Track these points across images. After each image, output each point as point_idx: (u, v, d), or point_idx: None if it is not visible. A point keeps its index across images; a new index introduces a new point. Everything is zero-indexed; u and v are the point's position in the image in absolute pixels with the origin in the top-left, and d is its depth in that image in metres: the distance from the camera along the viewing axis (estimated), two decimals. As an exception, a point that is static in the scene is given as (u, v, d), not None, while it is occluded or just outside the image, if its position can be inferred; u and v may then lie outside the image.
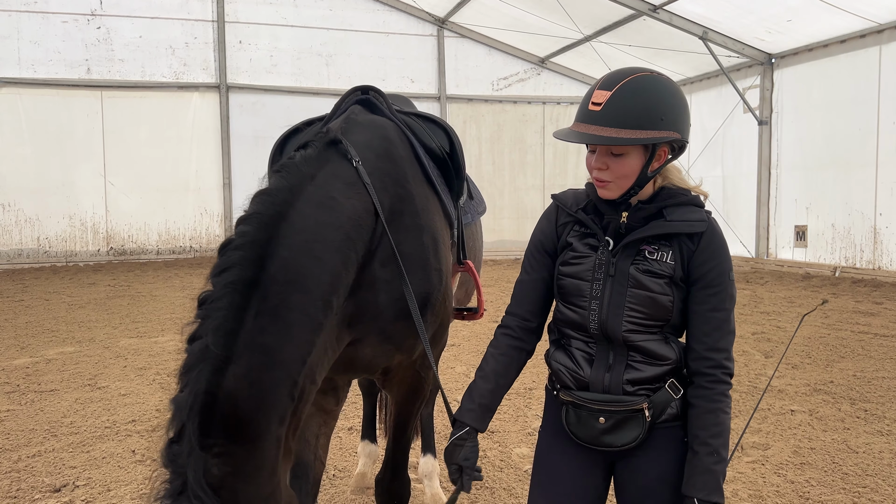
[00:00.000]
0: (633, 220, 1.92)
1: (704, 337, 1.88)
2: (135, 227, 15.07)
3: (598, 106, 1.81)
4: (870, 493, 3.71)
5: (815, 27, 11.86)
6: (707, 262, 1.87)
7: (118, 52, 14.80)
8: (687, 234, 1.88)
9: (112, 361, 6.54)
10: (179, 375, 1.66)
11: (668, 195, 1.93)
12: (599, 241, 1.94)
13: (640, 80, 1.85)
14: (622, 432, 1.90)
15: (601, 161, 1.86)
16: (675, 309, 1.89)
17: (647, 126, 1.80)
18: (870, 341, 7.13)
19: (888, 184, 11.21)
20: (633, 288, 1.88)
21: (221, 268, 1.75)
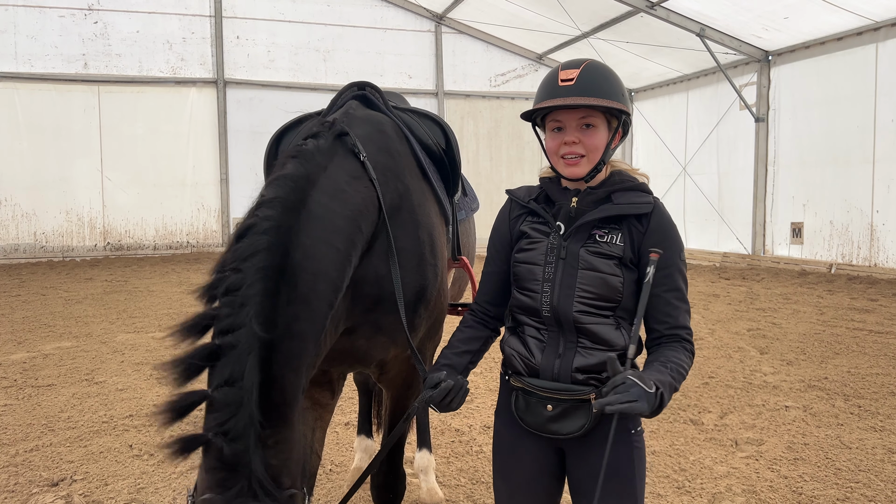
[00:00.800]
0: (583, 204, 1.99)
1: (665, 317, 1.94)
2: (132, 223, 15.07)
3: (570, 81, 1.93)
4: (862, 489, 3.74)
5: (812, 25, 11.88)
6: (658, 243, 1.93)
7: (115, 46, 14.77)
8: (636, 217, 1.96)
9: (109, 356, 6.55)
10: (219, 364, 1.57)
11: (615, 181, 2.02)
12: (551, 227, 2.02)
13: (598, 63, 2.01)
14: (568, 421, 1.94)
15: (574, 135, 1.96)
16: (625, 290, 1.94)
17: (615, 97, 1.94)
18: (864, 338, 7.17)
19: (885, 181, 11.24)
20: (583, 269, 1.94)
21: (250, 251, 1.71)
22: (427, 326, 2.45)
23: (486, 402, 5.18)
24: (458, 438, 4.53)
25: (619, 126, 1.99)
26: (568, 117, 1.96)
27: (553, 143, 2.00)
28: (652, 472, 3.97)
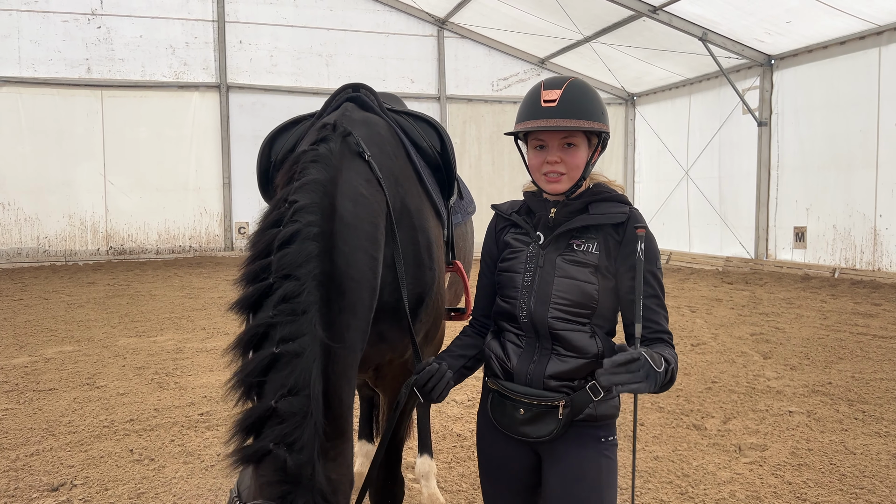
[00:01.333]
0: (561, 215, 2.07)
1: (647, 322, 1.97)
2: (134, 227, 15.08)
3: (552, 102, 1.99)
4: (867, 495, 3.71)
5: (814, 29, 11.86)
6: (632, 252, 1.97)
7: (118, 51, 14.81)
8: (612, 226, 2.03)
9: (111, 361, 6.54)
10: (281, 374, 1.52)
11: (593, 192, 2.10)
12: (531, 237, 2.11)
13: (580, 82, 2.06)
14: (539, 425, 2.01)
15: (556, 155, 2.02)
16: (600, 298, 2.00)
17: (596, 118, 2.01)
18: (868, 343, 7.13)
19: (888, 185, 11.21)
20: (559, 277, 2.01)
21: (303, 258, 1.68)
22: (425, 331, 2.44)
23: (488, 407, 5.16)
24: (459, 443, 4.51)
25: (598, 143, 2.07)
26: (550, 137, 2.02)
27: (535, 161, 2.06)
28: (655, 478, 3.95)
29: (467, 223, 3.42)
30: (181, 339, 7.50)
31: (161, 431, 4.68)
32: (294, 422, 1.47)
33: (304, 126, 2.57)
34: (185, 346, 7.17)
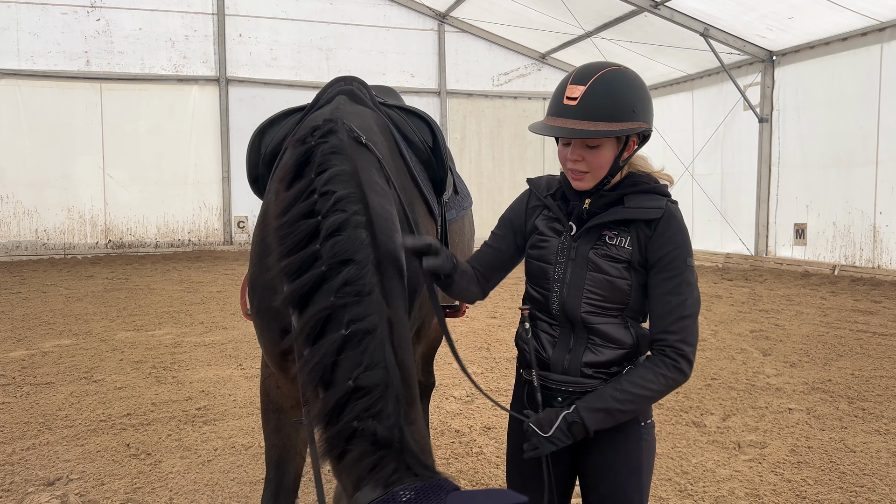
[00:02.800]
0: (595, 206, 1.99)
1: (659, 320, 1.93)
2: (133, 220, 15.06)
3: (573, 100, 1.87)
4: (867, 493, 3.69)
5: (816, 25, 11.82)
6: (662, 248, 1.92)
7: (118, 44, 14.76)
8: (644, 221, 1.94)
9: (108, 355, 6.52)
10: (353, 353, 1.54)
11: (631, 183, 1.99)
12: (563, 226, 2.03)
13: (611, 74, 1.90)
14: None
15: (577, 153, 1.92)
16: (633, 293, 1.95)
17: (620, 118, 1.86)
18: (868, 340, 7.12)
19: (889, 182, 11.18)
20: (591, 271, 1.96)
21: (357, 244, 1.69)
22: (416, 327, 2.41)
23: (487, 403, 5.14)
24: (458, 440, 4.50)
25: (628, 140, 1.93)
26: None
27: (561, 155, 1.98)
28: (654, 475, 3.93)
29: (465, 218, 3.37)
30: (179, 333, 7.48)
31: (158, 426, 4.66)
32: (377, 393, 1.50)
33: (294, 119, 2.54)
34: (184, 340, 7.15)
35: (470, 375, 2.09)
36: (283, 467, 2.33)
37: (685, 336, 1.90)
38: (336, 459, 1.50)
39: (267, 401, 2.37)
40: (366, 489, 1.42)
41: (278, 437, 2.33)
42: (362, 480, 1.44)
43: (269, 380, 2.35)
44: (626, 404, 1.88)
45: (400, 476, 1.43)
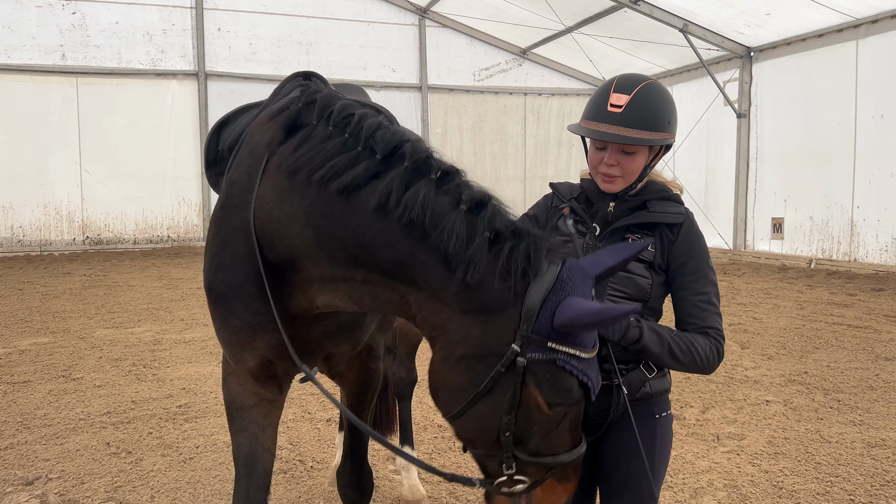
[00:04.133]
0: (620, 210, 2.12)
1: (693, 319, 2.06)
2: (111, 216, 14.88)
3: (618, 108, 1.99)
4: (842, 483, 3.76)
5: (793, 21, 11.95)
6: (686, 252, 2.07)
7: (94, 38, 14.56)
8: (667, 225, 2.08)
9: (87, 352, 6.45)
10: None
11: (652, 190, 2.13)
12: (587, 227, 2.13)
13: (652, 87, 2.05)
14: (597, 405, 2.02)
15: (613, 158, 2.03)
16: (652, 292, 2.07)
17: (658, 129, 2.01)
18: (844, 332, 7.23)
19: (866, 177, 11.35)
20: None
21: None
22: (379, 320, 2.41)
23: (469, 398, 5.16)
24: (440, 434, 4.51)
25: (660, 150, 2.09)
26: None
27: (594, 159, 2.09)
28: (634, 468, 3.97)
29: None
30: (159, 330, 7.42)
31: (139, 424, 4.63)
32: (490, 206, 1.74)
33: (252, 114, 2.51)
34: (164, 337, 7.09)
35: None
36: (252, 465, 2.30)
37: (720, 329, 2.07)
38: (493, 262, 1.66)
39: (230, 399, 2.34)
40: (544, 267, 1.65)
41: (245, 436, 2.31)
42: (531, 260, 1.65)
43: (231, 377, 2.32)
44: (676, 347, 1.97)
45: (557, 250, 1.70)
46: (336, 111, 1.89)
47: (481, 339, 1.67)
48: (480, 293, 1.66)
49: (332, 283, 1.89)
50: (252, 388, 2.29)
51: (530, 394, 1.64)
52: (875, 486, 3.73)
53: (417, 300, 1.75)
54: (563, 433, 1.72)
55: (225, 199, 2.14)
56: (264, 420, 2.35)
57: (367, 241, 1.75)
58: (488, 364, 1.65)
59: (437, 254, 1.67)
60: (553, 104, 18.26)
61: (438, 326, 1.73)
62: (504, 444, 1.68)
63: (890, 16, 10.74)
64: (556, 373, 1.63)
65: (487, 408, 1.66)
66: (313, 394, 5.31)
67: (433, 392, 1.79)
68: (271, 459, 2.39)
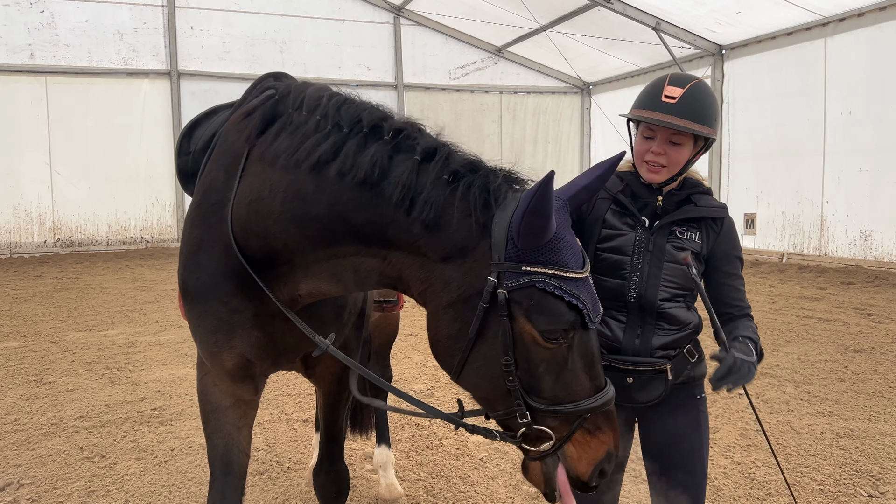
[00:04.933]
0: (667, 204, 2.24)
1: (736, 301, 2.25)
2: (83, 218, 14.66)
3: (672, 99, 2.11)
4: (812, 473, 3.84)
5: (763, 19, 12.11)
6: (728, 243, 2.26)
7: (63, 37, 14.31)
8: (711, 218, 2.25)
9: (59, 356, 6.36)
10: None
11: (691, 184, 2.28)
12: (636, 221, 2.24)
13: (703, 85, 2.20)
14: (648, 390, 2.22)
15: (661, 147, 2.15)
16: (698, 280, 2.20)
17: (708, 123, 2.14)
18: (814, 325, 7.36)
19: (835, 172, 11.55)
20: (668, 261, 2.20)
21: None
22: (354, 320, 2.42)
23: (446, 396, 5.18)
24: (418, 433, 4.52)
25: (704, 146, 2.21)
26: (661, 130, 2.15)
27: (641, 148, 2.20)
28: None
29: None
30: (133, 332, 7.34)
31: (112, 427, 4.58)
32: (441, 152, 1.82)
33: (224, 115, 2.50)
34: (138, 339, 7.02)
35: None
36: (227, 467, 2.29)
37: (748, 303, 2.28)
38: (449, 198, 1.68)
39: (205, 400, 2.32)
40: (509, 195, 1.68)
41: (220, 437, 2.30)
42: (490, 191, 1.67)
43: (206, 378, 2.31)
44: (760, 347, 2.15)
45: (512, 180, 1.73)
46: (308, 96, 1.92)
47: (461, 281, 1.65)
48: (450, 234, 1.66)
49: (316, 265, 1.89)
50: (228, 389, 2.28)
51: (521, 327, 1.61)
52: (844, 475, 3.81)
53: (399, 259, 1.75)
54: (578, 374, 1.66)
55: (201, 198, 2.13)
56: (240, 421, 2.35)
57: (340, 211, 1.76)
58: (472, 305, 1.63)
59: (400, 206, 1.68)
60: (529, 102, 18.33)
61: (423, 280, 1.72)
62: (512, 391, 1.63)
63: (857, 14, 10.93)
64: (539, 297, 1.60)
65: (484, 353, 1.64)
66: (290, 395, 5.29)
67: (434, 352, 1.77)
68: (247, 461, 2.38)
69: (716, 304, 2.23)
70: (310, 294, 2.01)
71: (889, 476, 3.78)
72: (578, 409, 1.64)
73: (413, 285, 1.76)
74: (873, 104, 10.80)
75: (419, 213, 1.66)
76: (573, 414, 1.65)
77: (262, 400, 4.94)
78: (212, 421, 2.32)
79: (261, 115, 1.99)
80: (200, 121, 2.65)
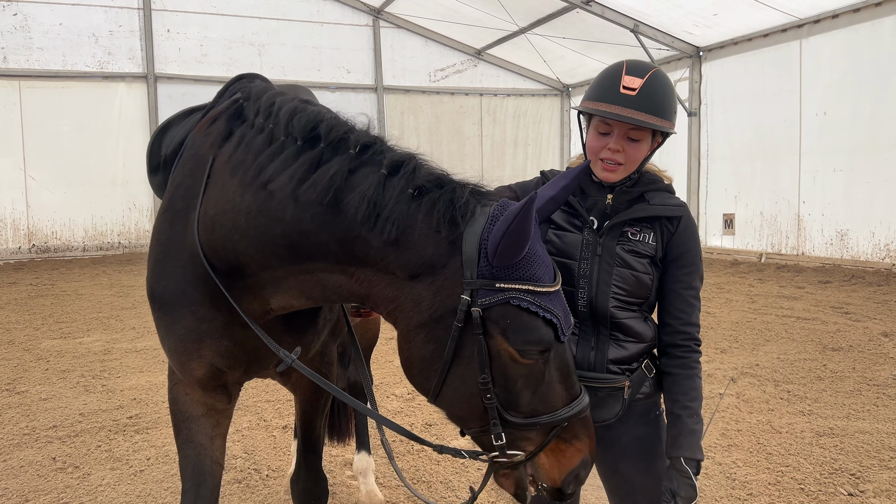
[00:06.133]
0: (618, 202, 2.04)
1: (679, 313, 2.04)
2: (59, 224, 14.44)
3: (631, 91, 1.91)
4: (792, 472, 3.85)
5: (739, 21, 12.23)
6: (684, 244, 2.03)
7: (37, 40, 14.11)
8: (667, 218, 2.03)
9: (33, 364, 6.24)
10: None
11: (647, 181, 2.07)
12: (584, 222, 2.04)
13: (662, 74, 2.01)
14: (605, 409, 2.04)
15: (619, 144, 1.95)
16: (653, 287, 2.04)
17: (667, 117, 1.96)
18: (793, 325, 7.42)
19: (811, 172, 11.68)
20: (619, 267, 2.00)
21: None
22: (331, 327, 2.38)
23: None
24: (399, 438, 4.48)
25: (662, 141, 2.03)
26: (619, 125, 1.95)
27: (596, 144, 1.99)
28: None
29: None
30: (109, 339, 7.22)
31: (87, 437, 4.49)
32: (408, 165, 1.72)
33: (195, 118, 2.45)
34: (114, 346, 6.90)
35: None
36: (200, 478, 2.24)
37: (699, 325, 2.07)
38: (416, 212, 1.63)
39: (177, 410, 2.28)
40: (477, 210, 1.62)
41: (192, 448, 2.25)
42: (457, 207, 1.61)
43: (178, 387, 2.26)
44: (699, 419, 2.02)
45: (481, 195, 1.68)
46: (263, 103, 1.87)
47: (432, 300, 1.61)
48: (418, 251, 1.62)
49: (285, 280, 1.85)
50: (200, 398, 2.23)
51: (498, 345, 1.59)
52: (824, 474, 3.82)
53: (366, 277, 1.71)
54: (554, 385, 1.65)
55: (168, 204, 2.09)
56: (213, 431, 2.29)
57: (303, 229, 1.72)
58: (446, 325, 1.60)
59: (365, 223, 1.64)
60: (509, 104, 18.36)
61: (392, 299, 1.68)
62: (489, 409, 1.61)
63: (831, 16, 11.07)
64: (514, 314, 1.57)
65: (461, 372, 1.61)
66: (269, 401, 5.22)
67: (407, 374, 1.73)
68: (220, 471, 2.33)
69: (661, 314, 2.08)
70: (281, 307, 1.97)
71: (868, 474, 3.80)
72: (556, 420, 1.63)
73: (381, 304, 1.72)
74: (847, 105, 10.94)
75: (381, 229, 1.62)
76: (551, 425, 1.64)
77: (240, 406, 4.89)
78: (183, 431, 2.27)
79: (224, 122, 1.95)
80: (173, 122, 2.60)
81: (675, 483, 1.97)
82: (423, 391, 1.71)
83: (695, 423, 2.00)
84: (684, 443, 1.98)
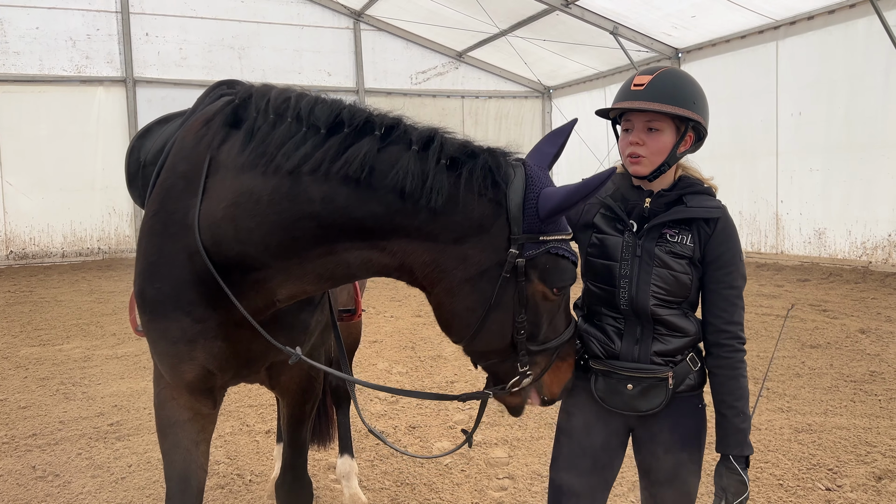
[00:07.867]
0: (656, 205, 2.13)
1: (722, 312, 2.11)
2: (37, 230, 14.28)
3: (640, 86, 2.06)
4: (771, 468, 3.90)
5: (717, 23, 12.37)
6: (722, 245, 2.10)
7: (13, 44, 13.95)
8: (704, 220, 2.10)
9: (11, 372, 6.17)
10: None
11: (686, 184, 2.15)
12: (624, 224, 2.14)
13: (676, 70, 2.15)
14: (649, 398, 2.12)
15: (638, 136, 2.07)
16: (692, 286, 2.11)
17: (681, 105, 2.04)
18: (772, 322, 7.51)
19: (788, 172, 11.83)
20: (657, 267, 2.09)
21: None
22: (319, 330, 2.38)
23: (412, 402, 5.14)
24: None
25: (686, 130, 2.08)
26: (636, 119, 2.08)
27: (622, 143, 2.13)
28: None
29: None
30: (89, 346, 7.15)
31: (67, 445, 4.45)
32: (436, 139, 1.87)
33: (176, 124, 2.45)
34: (94, 353, 6.84)
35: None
36: (185, 483, 2.24)
37: (743, 324, 2.14)
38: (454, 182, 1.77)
39: (162, 415, 2.26)
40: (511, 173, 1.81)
41: (178, 453, 2.24)
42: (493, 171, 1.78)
43: (164, 391, 2.25)
44: (749, 415, 2.14)
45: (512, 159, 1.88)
46: (273, 98, 1.90)
47: (480, 256, 1.79)
48: (466, 214, 1.77)
49: (299, 266, 1.87)
50: (186, 403, 2.22)
51: (535, 288, 1.83)
52: (802, 469, 3.88)
53: (401, 247, 1.81)
54: (562, 314, 1.96)
55: (158, 207, 2.07)
56: (198, 436, 2.29)
57: (336, 206, 1.78)
58: (491, 276, 1.80)
59: (409, 195, 1.74)
60: (490, 106, 18.42)
61: (429, 263, 1.81)
62: (518, 343, 1.86)
63: (807, 17, 11.23)
64: (552, 261, 1.83)
65: (499, 316, 1.82)
66: (251, 406, 5.20)
67: (445, 325, 1.90)
68: (204, 476, 2.33)
69: (704, 313, 2.15)
70: (291, 297, 2.00)
71: (846, 469, 3.86)
72: (562, 342, 1.95)
73: (417, 270, 1.84)
74: (822, 105, 11.09)
75: (427, 200, 1.74)
76: (557, 347, 1.95)
77: (223, 411, 4.87)
78: (169, 436, 2.26)
79: (221, 122, 1.95)
80: (152, 128, 2.59)
81: (725, 480, 2.09)
82: (457, 337, 1.90)
83: (741, 421, 2.10)
84: (732, 441, 2.09)
